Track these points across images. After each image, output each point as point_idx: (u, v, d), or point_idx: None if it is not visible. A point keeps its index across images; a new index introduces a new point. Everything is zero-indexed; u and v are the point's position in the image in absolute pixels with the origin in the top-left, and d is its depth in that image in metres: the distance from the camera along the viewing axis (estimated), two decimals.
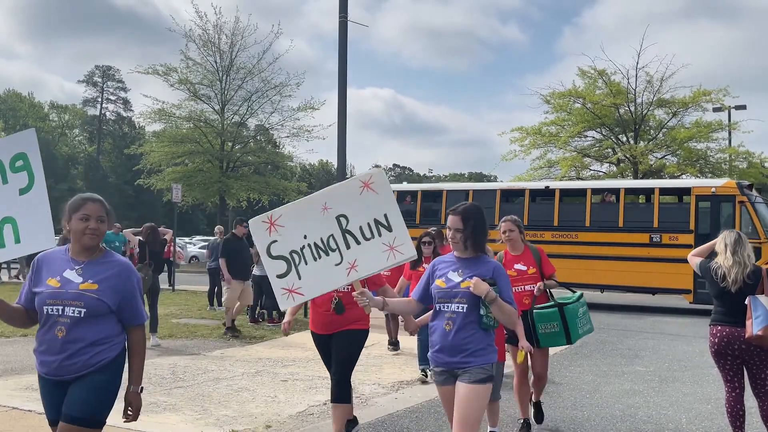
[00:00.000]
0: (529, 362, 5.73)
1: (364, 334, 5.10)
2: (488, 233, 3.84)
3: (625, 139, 29.86)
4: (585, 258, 16.42)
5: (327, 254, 3.88)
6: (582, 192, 17.94)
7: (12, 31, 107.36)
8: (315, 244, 3.90)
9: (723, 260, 5.00)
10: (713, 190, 15.84)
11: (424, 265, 7.54)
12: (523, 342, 5.17)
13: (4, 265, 21.90)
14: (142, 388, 3.39)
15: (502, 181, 27.24)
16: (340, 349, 4.99)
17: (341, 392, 4.97)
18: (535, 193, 18.33)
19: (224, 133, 33.70)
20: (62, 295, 3.15)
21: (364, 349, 9.04)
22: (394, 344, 9.59)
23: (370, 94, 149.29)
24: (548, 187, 18.34)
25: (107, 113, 74.28)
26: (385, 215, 3.84)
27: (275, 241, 3.95)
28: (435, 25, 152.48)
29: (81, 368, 3.15)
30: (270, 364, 8.55)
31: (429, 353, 3.80)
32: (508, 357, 5.67)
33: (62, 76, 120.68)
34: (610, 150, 29.97)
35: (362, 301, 3.77)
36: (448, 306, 3.69)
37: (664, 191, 17.54)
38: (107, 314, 3.21)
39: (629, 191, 17.94)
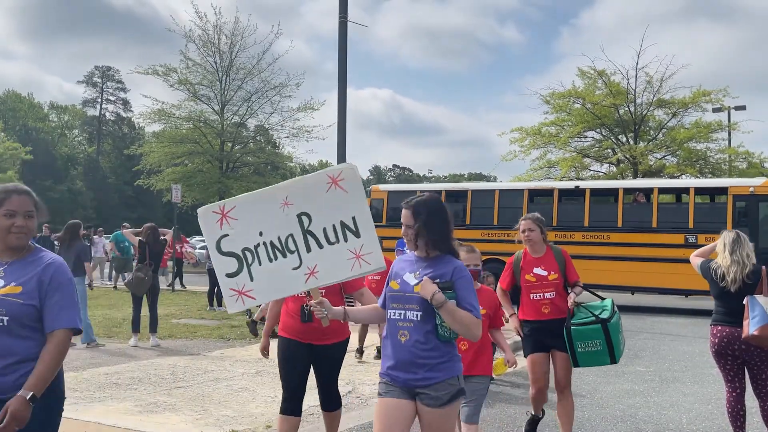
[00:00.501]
0: (552, 373, 5.24)
1: (347, 341, 4.69)
2: (450, 229, 3.34)
3: (624, 139, 29.86)
4: (616, 259, 15.95)
5: (284, 256, 3.42)
6: (614, 192, 17.54)
7: (10, 32, 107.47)
8: (271, 243, 3.43)
9: (722, 260, 5.01)
10: (751, 189, 15.33)
11: None
12: (509, 355, 4.53)
13: None
14: (33, 396, 2.58)
15: (499, 181, 27.17)
16: (328, 363, 4.57)
17: (333, 400, 4.69)
18: (564, 193, 17.77)
19: (224, 134, 33.71)
20: None
21: (365, 349, 9.09)
22: (360, 352, 8.92)
23: (369, 94, 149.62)
24: (578, 186, 17.75)
25: (107, 114, 74.24)
26: (354, 218, 3.38)
27: (226, 235, 3.46)
28: (433, 26, 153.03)
29: (10, 390, 2.61)
30: (270, 364, 8.53)
31: (382, 369, 3.28)
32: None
33: (60, 77, 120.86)
34: (609, 150, 29.96)
35: (319, 312, 3.34)
36: (402, 313, 3.21)
37: (699, 191, 16.90)
38: (38, 322, 2.71)
39: (662, 191, 17.48)
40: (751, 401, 5.07)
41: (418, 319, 3.15)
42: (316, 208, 3.41)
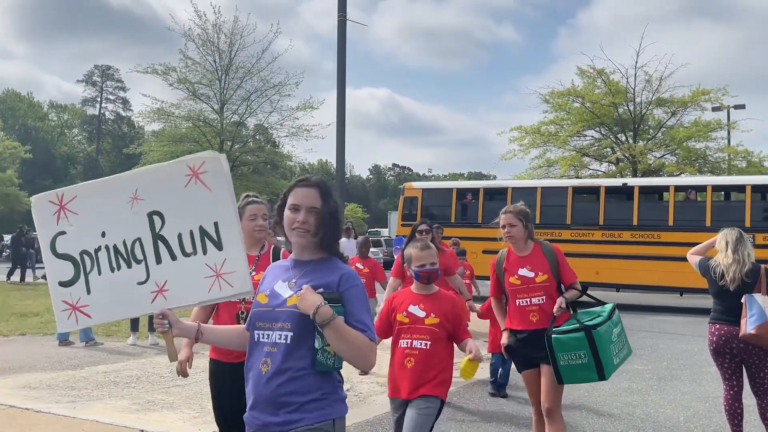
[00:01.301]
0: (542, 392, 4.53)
1: None
2: (339, 230, 2.59)
3: (624, 138, 29.86)
4: (667, 259, 15.19)
5: (129, 266, 2.66)
6: (664, 189, 16.95)
7: (8, 31, 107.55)
8: (115, 247, 2.67)
9: (722, 258, 5.00)
10: None
11: None
12: (471, 345, 3.78)
13: (33, 265, 21.96)
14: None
15: (494, 179, 26.91)
16: None
17: None
18: (611, 191, 17.10)
19: (223, 133, 33.70)
20: None
21: None
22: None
23: (367, 94, 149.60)
24: (626, 183, 17.26)
25: (106, 113, 74.34)
26: (216, 225, 2.60)
27: (63, 232, 2.73)
28: (430, 26, 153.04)
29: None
30: None
31: (246, 412, 2.47)
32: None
33: (59, 76, 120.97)
34: (609, 149, 29.96)
35: (161, 326, 2.55)
36: (267, 334, 2.40)
37: (756, 188, 15.95)
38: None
39: (716, 188, 16.62)
40: (749, 399, 5.08)
41: (288, 341, 2.36)
42: (170, 208, 2.65)
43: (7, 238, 30.02)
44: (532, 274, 4.46)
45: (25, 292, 17.62)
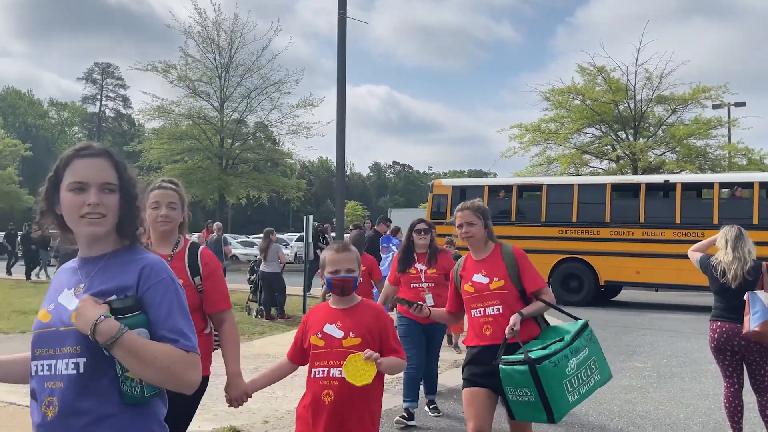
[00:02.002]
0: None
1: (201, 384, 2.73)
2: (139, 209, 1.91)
3: (624, 135, 29.83)
4: None
5: None
6: (708, 186, 16.43)
7: (6, 29, 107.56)
8: None
9: (723, 256, 5.00)
10: None
11: (416, 265, 5.93)
12: (374, 354, 2.92)
13: (46, 265, 21.96)
14: None
15: (493, 176, 26.81)
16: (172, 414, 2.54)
17: None
18: (652, 188, 16.64)
19: (223, 130, 33.70)
20: None
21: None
22: None
23: (366, 91, 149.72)
24: (668, 180, 16.80)
25: (107, 110, 74.35)
26: None
27: None
28: (428, 24, 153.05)
29: None
30: (269, 360, 8.55)
31: None
32: None
33: (57, 74, 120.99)
34: (609, 147, 29.93)
35: None
36: (50, 365, 1.77)
37: None
38: None
39: (763, 185, 15.82)
40: (748, 396, 5.08)
41: (79, 371, 1.73)
42: None
43: (1, 234, 30.00)
44: (486, 280, 3.84)
45: (26, 289, 17.66)
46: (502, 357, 3.57)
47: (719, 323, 5.00)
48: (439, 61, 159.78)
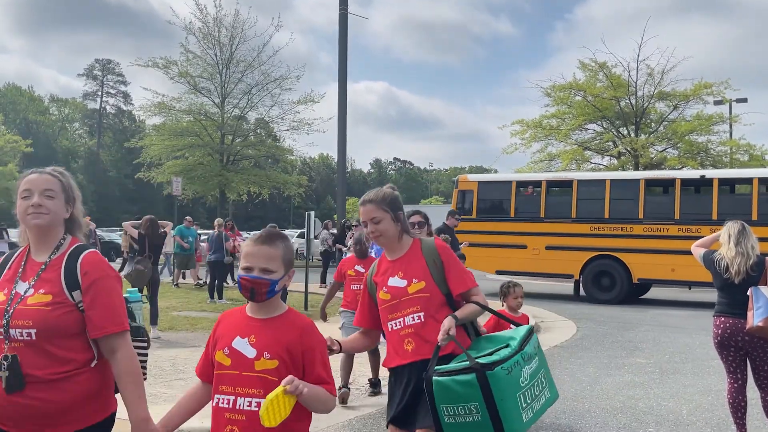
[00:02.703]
0: None
1: (105, 425, 2.53)
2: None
3: (625, 131, 29.78)
4: None
5: None
6: (746, 181, 16.03)
7: (3, 25, 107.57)
8: None
9: (726, 251, 4.99)
10: None
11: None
12: (297, 386, 2.17)
13: None
14: None
15: (494, 171, 26.71)
16: None
17: None
18: (687, 183, 16.24)
19: (224, 127, 33.65)
20: None
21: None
22: (374, 384, 6.80)
23: (365, 87, 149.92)
24: (704, 176, 16.30)
25: (107, 107, 74.32)
26: None
27: None
28: (426, 19, 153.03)
29: None
30: None
31: None
32: None
33: (56, 70, 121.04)
34: (610, 143, 29.90)
35: None
36: None
37: None
38: None
39: None
40: (752, 392, 5.07)
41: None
42: None
43: (13, 233, 30.03)
44: (404, 283, 3.10)
45: None
46: (436, 367, 2.83)
47: (723, 319, 4.99)
48: (437, 56, 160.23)
